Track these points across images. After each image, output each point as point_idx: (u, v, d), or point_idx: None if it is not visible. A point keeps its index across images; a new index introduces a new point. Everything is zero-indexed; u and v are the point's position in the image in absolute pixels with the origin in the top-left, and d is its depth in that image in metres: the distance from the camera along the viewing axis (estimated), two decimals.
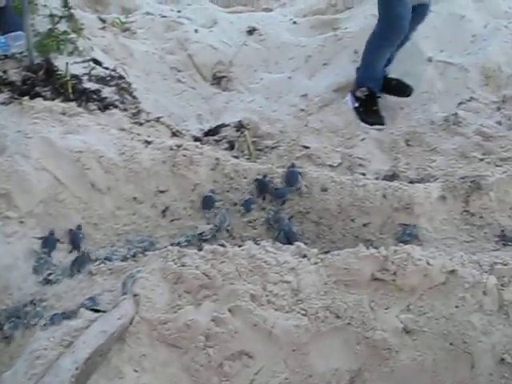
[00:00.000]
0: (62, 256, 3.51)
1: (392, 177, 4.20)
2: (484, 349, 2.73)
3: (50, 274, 3.36)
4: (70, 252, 3.55)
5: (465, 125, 4.68)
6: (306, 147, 4.62)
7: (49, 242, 3.54)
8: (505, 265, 2.91)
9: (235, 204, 3.86)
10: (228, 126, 4.94)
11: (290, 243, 3.27)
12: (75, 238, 3.59)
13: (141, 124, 4.44)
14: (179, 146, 3.93)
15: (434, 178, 4.05)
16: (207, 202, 3.84)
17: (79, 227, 3.62)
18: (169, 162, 3.88)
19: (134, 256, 3.38)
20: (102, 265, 3.32)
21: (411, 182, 3.93)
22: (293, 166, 4.07)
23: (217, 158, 3.94)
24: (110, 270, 3.22)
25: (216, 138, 4.81)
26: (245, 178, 3.92)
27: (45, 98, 4.20)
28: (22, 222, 3.53)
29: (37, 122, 3.89)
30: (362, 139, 4.78)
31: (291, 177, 3.89)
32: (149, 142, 4.01)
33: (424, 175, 4.18)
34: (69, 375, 2.52)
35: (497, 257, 3.02)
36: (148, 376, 2.67)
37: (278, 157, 4.54)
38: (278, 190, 3.84)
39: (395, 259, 2.87)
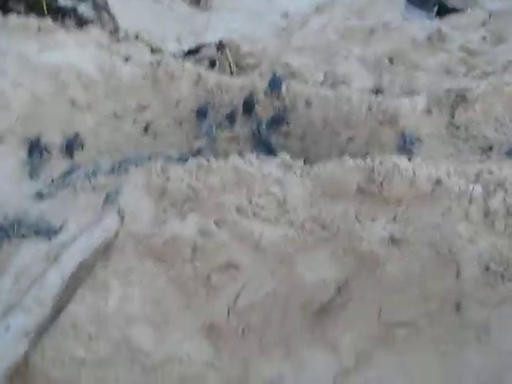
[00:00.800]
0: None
1: (376, 93, 4.15)
2: (470, 257, 2.74)
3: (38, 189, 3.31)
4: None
5: (448, 41, 4.61)
6: (289, 65, 4.55)
7: (35, 150, 3.50)
8: (490, 174, 2.90)
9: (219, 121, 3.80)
10: (208, 45, 4.84)
11: (272, 153, 3.25)
12: (71, 147, 3.57)
13: (119, 41, 4.33)
14: (159, 62, 3.84)
15: (419, 93, 4.00)
16: (202, 112, 3.78)
17: (77, 135, 3.59)
18: (149, 77, 3.80)
19: (117, 171, 3.32)
20: (85, 181, 3.26)
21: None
22: (275, 74, 4.04)
23: (199, 74, 3.86)
24: (92, 186, 3.16)
25: (196, 57, 4.72)
26: (227, 92, 3.85)
27: (19, 14, 4.07)
28: (1, 140, 3.46)
29: (12, 38, 3.77)
30: (345, 57, 4.70)
31: (274, 82, 3.87)
32: (128, 59, 3.92)
33: (408, 91, 4.13)
34: (55, 288, 2.51)
35: (482, 167, 3.00)
36: (135, 289, 2.67)
37: (260, 75, 4.45)
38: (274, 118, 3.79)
39: (381, 170, 2.85)
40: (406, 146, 3.54)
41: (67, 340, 2.50)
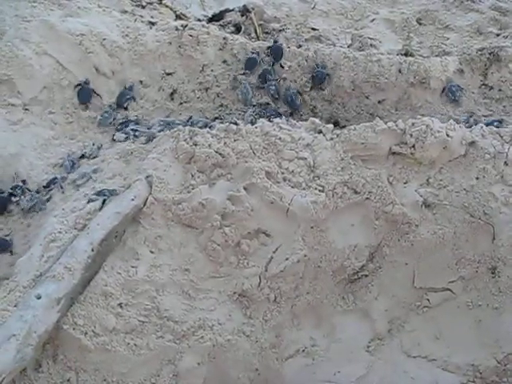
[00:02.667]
0: None
1: (405, 55, 4.06)
2: (505, 220, 2.70)
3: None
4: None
5: (479, 0, 4.50)
6: (315, 29, 4.47)
7: (84, 93, 3.54)
8: None
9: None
10: (232, 10, 4.77)
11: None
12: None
13: (143, 7, 4.27)
14: (185, 26, 3.78)
15: (449, 55, 3.91)
16: (251, 63, 3.74)
17: (86, 81, 3.58)
18: (175, 42, 3.73)
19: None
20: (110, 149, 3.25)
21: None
22: (276, 41, 3.95)
23: (224, 38, 3.79)
24: (118, 153, 3.13)
25: (221, 23, 4.65)
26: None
27: None
28: (26, 110, 3.43)
29: (35, 5, 3.73)
30: (372, 20, 4.61)
31: (276, 51, 3.81)
32: (153, 24, 3.87)
33: (438, 52, 4.04)
34: (85, 256, 2.50)
35: None
36: (164, 256, 2.65)
37: (285, 39, 4.38)
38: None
39: (413, 132, 2.79)
40: (451, 95, 3.50)
41: (98, 308, 2.49)
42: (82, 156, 3.30)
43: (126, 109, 3.60)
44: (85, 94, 3.55)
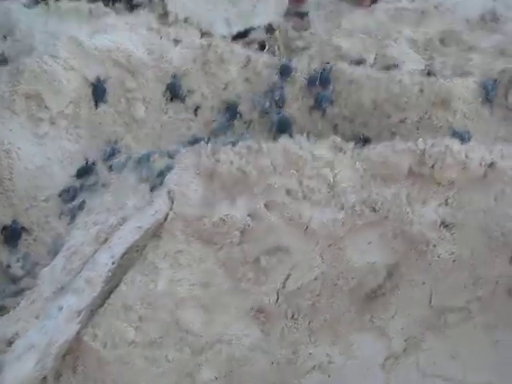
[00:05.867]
0: None
1: (428, 75, 4.08)
2: None
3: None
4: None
5: (503, 21, 4.50)
6: (338, 48, 4.50)
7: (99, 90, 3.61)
8: None
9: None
10: (257, 28, 4.82)
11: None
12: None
13: (169, 25, 4.34)
14: (209, 44, 3.83)
15: (471, 75, 3.92)
16: (286, 69, 3.87)
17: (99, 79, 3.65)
18: (199, 60, 3.79)
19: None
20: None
21: None
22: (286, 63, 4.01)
23: (247, 56, 3.84)
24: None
25: (246, 40, 4.71)
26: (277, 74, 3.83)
27: None
28: (53, 123, 3.50)
29: (64, 22, 3.81)
30: (395, 39, 4.62)
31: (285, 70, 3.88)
32: (178, 41, 3.92)
33: (461, 73, 4.05)
34: (106, 269, 2.54)
35: None
36: (184, 271, 2.68)
37: (309, 57, 4.42)
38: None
39: (433, 152, 2.80)
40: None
41: (118, 321, 2.53)
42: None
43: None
44: (99, 92, 3.61)
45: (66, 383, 2.44)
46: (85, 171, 3.41)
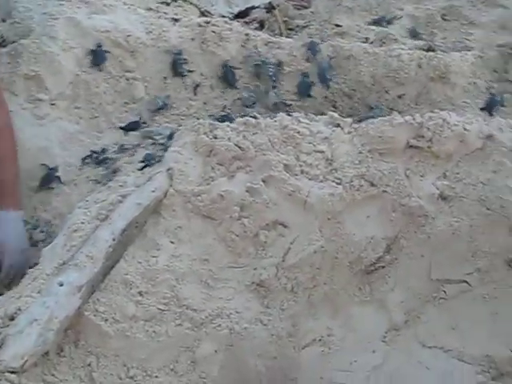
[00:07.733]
0: None
1: (427, 51, 4.07)
2: None
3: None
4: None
5: None
6: (338, 25, 4.49)
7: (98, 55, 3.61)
8: None
9: None
10: (258, 7, 4.83)
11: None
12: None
13: (168, 4, 4.34)
14: (208, 23, 3.82)
15: (471, 50, 3.92)
16: (314, 47, 3.84)
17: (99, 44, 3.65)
18: (198, 39, 3.78)
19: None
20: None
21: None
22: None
23: (247, 34, 3.83)
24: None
25: (246, 19, 4.71)
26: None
27: None
28: (53, 105, 3.50)
29: (62, 3, 3.79)
30: (396, 16, 4.61)
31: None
32: (177, 20, 3.91)
33: (461, 47, 4.04)
34: (106, 245, 2.56)
35: None
36: (184, 247, 2.70)
37: (309, 35, 4.41)
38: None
39: (430, 125, 2.81)
40: None
41: (119, 296, 2.55)
42: (103, 150, 3.40)
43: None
44: (99, 56, 3.62)
45: (68, 357, 2.46)
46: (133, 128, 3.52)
